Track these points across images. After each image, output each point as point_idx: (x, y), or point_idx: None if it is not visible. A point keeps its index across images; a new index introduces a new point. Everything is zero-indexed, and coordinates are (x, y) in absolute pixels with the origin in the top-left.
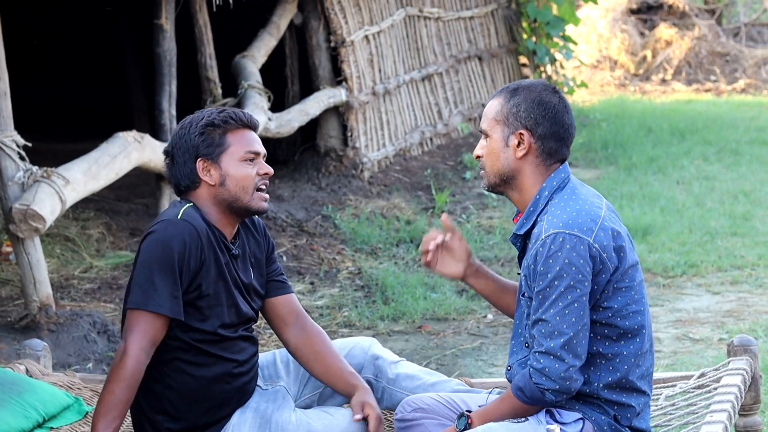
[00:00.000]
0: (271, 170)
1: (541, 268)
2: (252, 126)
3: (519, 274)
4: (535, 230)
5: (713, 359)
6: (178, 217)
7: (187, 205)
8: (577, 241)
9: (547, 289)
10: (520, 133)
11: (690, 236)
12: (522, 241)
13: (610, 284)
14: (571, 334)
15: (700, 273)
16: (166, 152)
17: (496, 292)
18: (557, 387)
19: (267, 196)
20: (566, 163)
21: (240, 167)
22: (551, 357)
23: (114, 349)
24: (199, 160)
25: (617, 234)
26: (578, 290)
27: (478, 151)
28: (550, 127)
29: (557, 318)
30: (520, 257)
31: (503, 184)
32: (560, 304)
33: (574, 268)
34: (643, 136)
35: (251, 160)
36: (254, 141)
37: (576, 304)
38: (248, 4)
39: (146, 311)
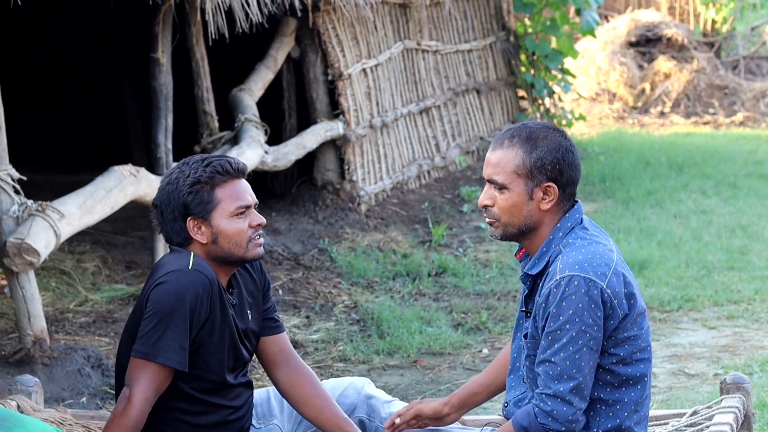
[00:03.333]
0: (263, 220)
1: (554, 310)
2: (239, 174)
3: (521, 310)
4: (549, 269)
5: (708, 395)
6: (189, 266)
7: (193, 253)
8: (591, 284)
9: (558, 332)
10: (547, 186)
11: (687, 270)
12: (532, 280)
13: (618, 331)
14: (580, 378)
15: (697, 307)
16: (154, 205)
17: (492, 390)
18: (563, 429)
19: (261, 241)
20: (579, 203)
21: (231, 223)
22: (559, 400)
23: (108, 383)
24: (189, 219)
25: (627, 281)
26: (588, 335)
27: (486, 200)
28: (572, 174)
29: (567, 362)
30: (527, 296)
31: (522, 235)
32: (571, 348)
33: (586, 313)
34: (641, 169)
35: (242, 213)
36: (244, 193)
37: (585, 349)
38: (245, 37)
39: (154, 362)
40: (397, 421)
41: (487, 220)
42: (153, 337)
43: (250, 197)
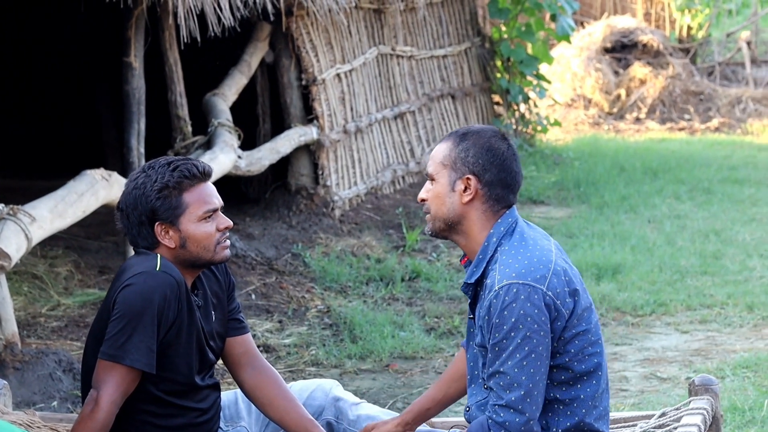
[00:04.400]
0: (230, 223)
1: (496, 320)
2: (206, 177)
3: (471, 318)
4: (488, 280)
5: (680, 398)
6: (157, 268)
7: (160, 255)
8: (531, 290)
9: (504, 341)
10: (467, 178)
11: (660, 275)
12: (473, 288)
13: (566, 330)
14: (530, 385)
15: (669, 312)
16: (119, 209)
17: (443, 403)
18: None
19: (228, 243)
20: (514, 207)
21: (200, 227)
22: (511, 410)
23: (79, 387)
24: (157, 224)
25: (569, 278)
26: (535, 341)
27: (422, 194)
28: (498, 174)
29: (515, 370)
30: (472, 304)
31: (448, 230)
32: (517, 355)
33: (529, 319)
34: (616, 174)
35: (209, 217)
36: (211, 196)
37: (533, 355)
38: (219, 42)
39: (121, 364)
40: None
41: (425, 214)
42: (120, 339)
43: (217, 200)
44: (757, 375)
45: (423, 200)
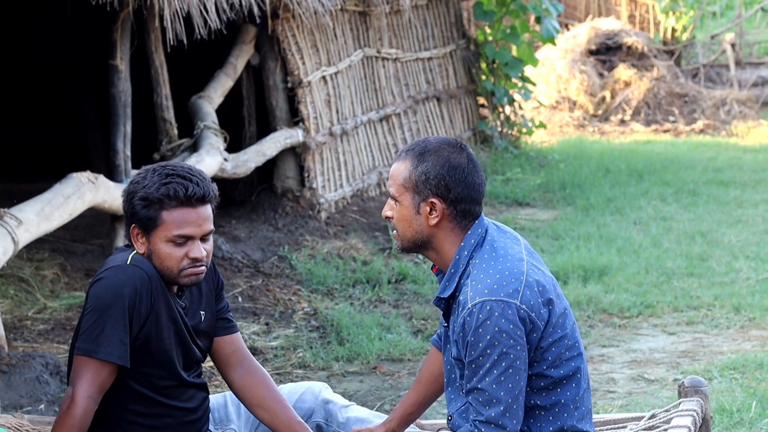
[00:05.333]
0: (201, 254)
1: (471, 338)
2: (195, 203)
3: (445, 326)
4: (461, 297)
5: (668, 400)
6: (128, 263)
7: (134, 251)
8: (504, 306)
9: (480, 358)
10: (431, 202)
11: (646, 277)
12: (446, 302)
13: (543, 339)
14: (509, 400)
15: (656, 313)
16: (122, 194)
17: (424, 405)
18: None
19: (200, 270)
20: (482, 216)
21: (166, 247)
22: (492, 426)
23: (66, 390)
24: (132, 226)
25: (542, 287)
26: (511, 356)
27: (387, 212)
28: (462, 191)
29: (494, 386)
30: (445, 315)
31: (418, 248)
32: (495, 371)
33: (505, 335)
34: (601, 176)
35: (181, 243)
36: (189, 223)
37: (511, 370)
38: (205, 44)
39: (95, 359)
40: None
41: (392, 232)
42: (93, 333)
43: (197, 228)
44: (744, 377)
45: (388, 217)
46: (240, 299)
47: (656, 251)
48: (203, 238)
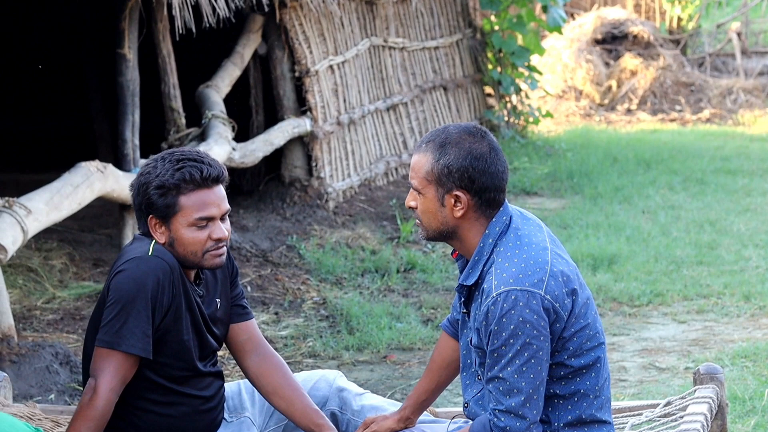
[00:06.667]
0: (224, 234)
1: (495, 327)
2: (211, 183)
3: (464, 313)
4: (485, 285)
5: (679, 388)
6: (149, 253)
7: (154, 241)
8: (529, 296)
9: (503, 348)
10: (456, 195)
11: (656, 265)
12: (468, 290)
13: (566, 330)
14: (530, 390)
15: (666, 302)
16: (131, 186)
17: (437, 391)
18: None
19: (222, 251)
20: (506, 203)
21: (189, 232)
22: (512, 415)
23: (76, 380)
24: (150, 216)
25: (567, 277)
26: (534, 346)
27: (411, 202)
28: (486, 180)
29: (515, 376)
30: (466, 302)
31: (443, 238)
32: (517, 361)
33: (528, 325)
34: (609, 165)
35: (203, 225)
36: (208, 204)
37: (533, 361)
38: (212, 33)
39: (118, 351)
40: None
41: (415, 221)
42: (116, 325)
43: (216, 209)
44: (756, 365)
45: (412, 207)
46: (249, 289)
47: (665, 240)
48: (222, 219)
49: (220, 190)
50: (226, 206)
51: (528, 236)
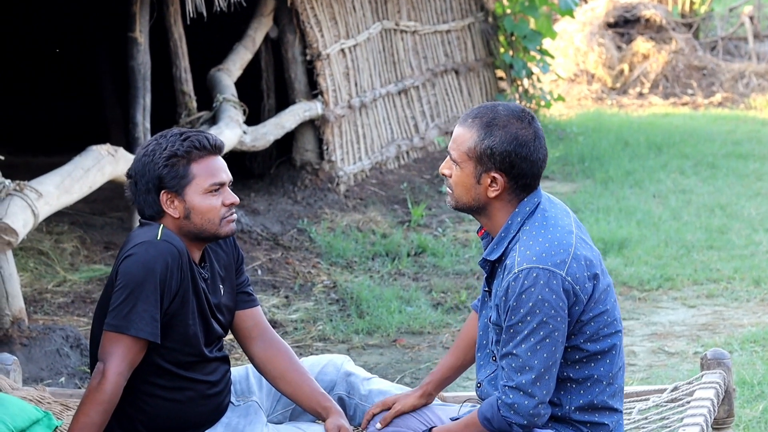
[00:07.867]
0: (236, 199)
1: (514, 303)
2: (216, 151)
3: (486, 291)
4: (507, 261)
5: (688, 373)
6: (158, 237)
7: (162, 225)
8: (550, 275)
9: (519, 324)
10: (493, 176)
11: (666, 250)
12: (491, 265)
13: (584, 313)
14: (542, 369)
15: (676, 286)
16: (128, 175)
17: (460, 369)
18: (525, 422)
19: (234, 217)
20: (538, 187)
21: (205, 200)
22: (521, 393)
23: (87, 363)
24: (162, 192)
25: (590, 262)
26: (551, 326)
27: (445, 170)
28: (525, 167)
29: (528, 353)
30: (488, 278)
31: (471, 212)
32: (532, 339)
33: (547, 304)
34: (620, 149)
35: (216, 191)
36: (219, 170)
37: (548, 340)
38: (223, 17)
39: (126, 335)
40: (378, 426)
41: (445, 188)
42: (124, 309)
43: (225, 175)
44: (765, 349)
45: (445, 175)
46: (259, 272)
47: (676, 224)
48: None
49: (223, 160)
50: (230, 175)
51: (555, 218)
